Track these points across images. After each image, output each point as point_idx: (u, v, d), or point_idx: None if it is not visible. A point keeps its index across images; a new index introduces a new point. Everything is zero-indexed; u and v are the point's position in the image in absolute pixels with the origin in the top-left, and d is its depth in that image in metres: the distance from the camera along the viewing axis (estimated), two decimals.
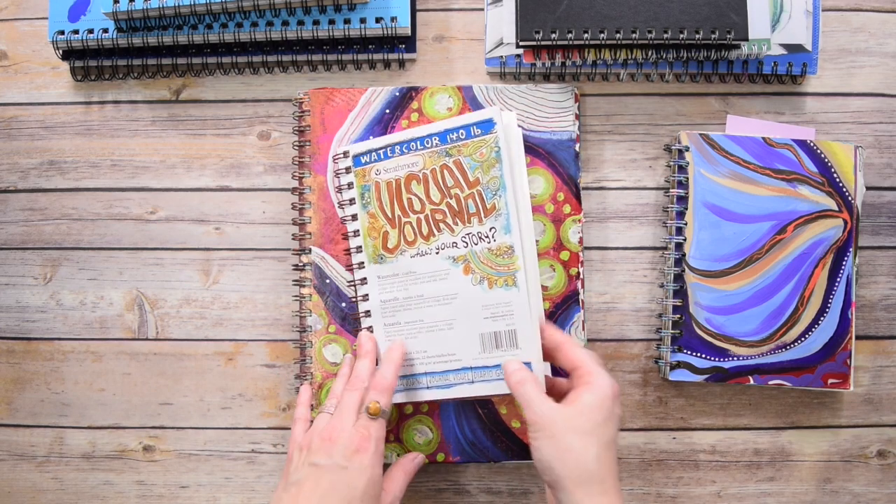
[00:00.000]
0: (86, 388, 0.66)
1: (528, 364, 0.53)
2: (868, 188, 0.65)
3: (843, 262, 0.62)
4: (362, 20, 0.64)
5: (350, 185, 0.61)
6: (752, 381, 0.62)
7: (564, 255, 0.63)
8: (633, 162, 0.66)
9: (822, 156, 0.63)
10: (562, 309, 0.62)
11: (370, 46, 0.66)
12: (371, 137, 0.64)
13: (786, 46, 0.65)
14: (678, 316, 0.62)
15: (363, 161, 0.61)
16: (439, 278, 0.57)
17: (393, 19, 0.64)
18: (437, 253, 0.58)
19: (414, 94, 0.64)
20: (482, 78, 0.67)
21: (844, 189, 0.63)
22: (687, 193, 0.63)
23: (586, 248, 0.65)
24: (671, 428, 0.65)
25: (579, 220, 0.63)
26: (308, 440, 0.52)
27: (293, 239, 0.64)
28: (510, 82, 0.66)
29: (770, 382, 0.62)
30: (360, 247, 0.61)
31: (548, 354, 0.54)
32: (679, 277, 0.62)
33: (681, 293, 0.62)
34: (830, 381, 0.62)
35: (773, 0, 0.64)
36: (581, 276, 0.63)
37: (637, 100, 0.67)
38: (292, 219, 0.64)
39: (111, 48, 0.66)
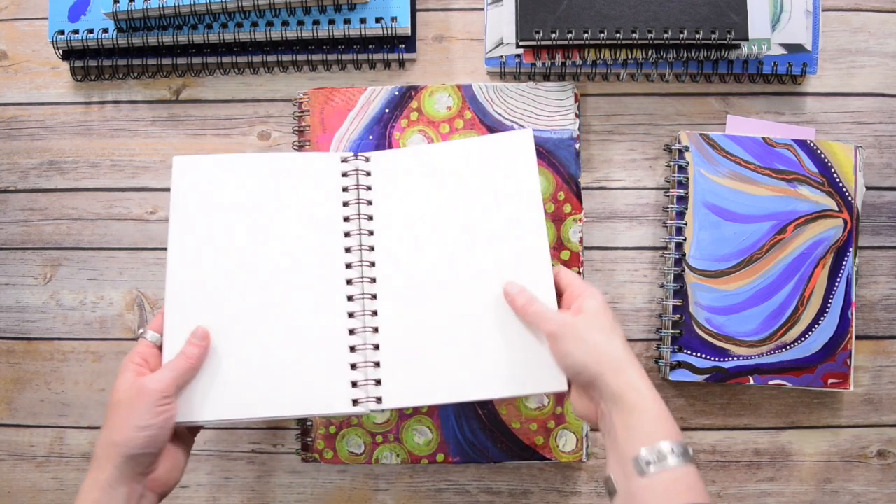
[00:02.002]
0: (86, 388, 0.66)
1: None
2: (868, 188, 0.65)
3: (843, 262, 0.62)
4: (362, 20, 0.64)
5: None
6: (752, 381, 0.62)
7: (565, 255, 0.63)
8: (633, 162, 0.66)
9: (822, 156, 0.63)
10: None
11: (370, 46, 0.66)
12: (370, 137, 0.64)
13: (786, 46, 0.65)
14: (678, 316, 0.62)
15: None
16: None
17: (393, 19, 0.64)
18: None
19: (413, 93, 0.64)
20: (482, 78, 0.67)
21: (844, 189, 0.63)
22: (687, 193, 0.63)
23: (586, 248, 0.65)
24: None
25: (580, 220, 0.63)
26: None
27: None
28: (510, 82, 0.66)
29: (770, 382, 0.62)
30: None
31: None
32: (679, 277, 0.62)
33: (681, 293, 0.62)
34: (830, 381, 0.62)
35: (773, 0, 0.64)
36: (581, 276, 0.63)
37: (637, 100, 0.67)
38: None
39: (111, 48, 0.66)
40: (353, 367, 0.53)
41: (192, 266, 0.54)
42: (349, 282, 0.54)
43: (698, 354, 0.62)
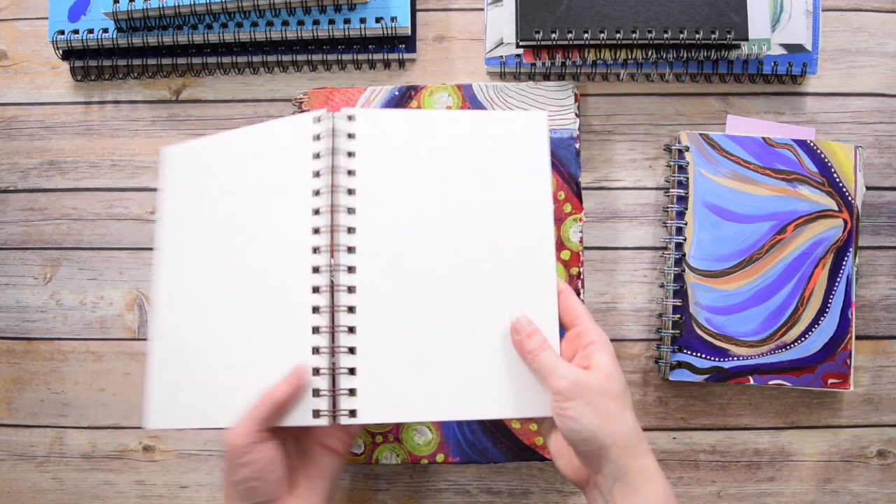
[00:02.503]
0: (86, 388, 0.66)
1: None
2: (868, 188, 0.65)
3: (843, 262, 0.62)
4: (362, 20, 0.64)
5: None
6: (752, 381, 0.62)
7: (565, 255, 0.63)
8: (633, 162, 0.66)
9: (822, 156, 0.63)
10: None
11: (370, 46, 0.66)
12: None
13: (786, 46, 0.65)
14: (678, 316, 0.62)
15: None
16: None
17: (393, 19, 0.64)
18: None
19: (413, 92, 0.64)
20: (482, 78, 0.67)
21: (844, 189, 0.63)
22: (687, 193, 0.63)
23: (586, 248, 0.65)
24: (671, 428, 0.65)
25: (580, 220, 0.63)
26: None
27: None
28: (510, 82, 0.66)
29: (770, 382, 0.62)
30: None
31: None
32: (679, 277, 0.62)
33: (681, 293, 0.62)
34: (830, 381, 0.62)
35: (773, 0, 0.64)
36: (581, 276, 0.63)
37: (637, 100, 0.67)
38: None
39: (111, 48, 0.66)
40: (317, 372, 0.45)
41: (173, 261, 0.50)
42: (316, 270, 0.46)
43: (698, 354, 0.62)
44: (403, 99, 0.64)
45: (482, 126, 0.49)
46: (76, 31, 0.64)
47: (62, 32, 0.64)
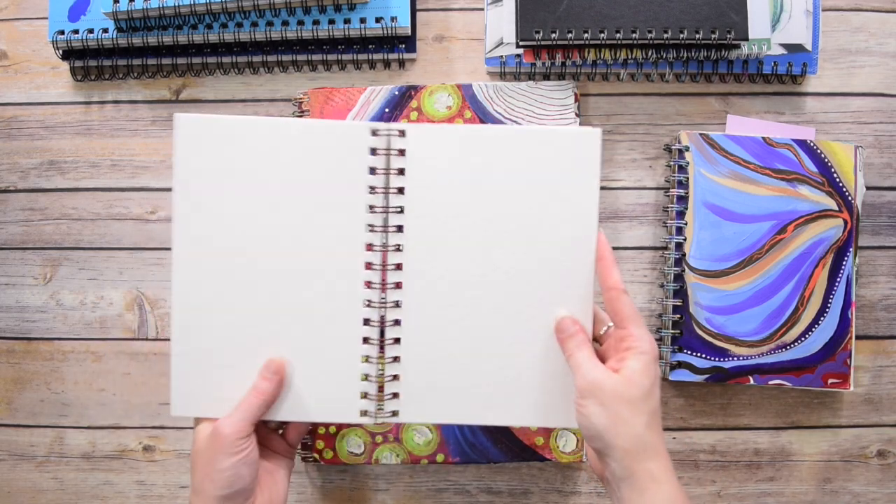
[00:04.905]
0: (86, 388, 0.66)
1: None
2: (868, 188, 0.65)
3: (843, 262, 0.62)
4: (362, 20, 0.64)
5: None
6: (752, 381, 0.62)
7: None
8: (633, 162, 0.66)
9: (822, 156, 0.63)
10: None
11: (370, 46, 0.66)
12: None
13: (786, 46, 0.65)
14: (678, 316, 0.62)
15: None
16: None
17: (393, 19, 0.64)
18: None
19: (413, 92, 0.64)
20: (482, 77, 0.67)
21: (844, 189, 0.63)
22: (687, 193, 0.63)
23: None
24: (671, 428, 0.65)
25: None
26: None
27: None
28: (510, 82, 0.66)
29: (770, 382, 0.62)
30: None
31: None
32: (679, 277, 0.62)
33: (681, 293, 0.62)
34: (830, 381, 0.62)
35: (772, 0, 0.64)
36: None
37: (637, 100, 0.67)
38: None
39: (111, 48, 0.66)
40: (366, 377, 0.50)
41: (199, 251, 0.49)
42: (369, 284, 0.50)
43: (698, 354, 0.62)
44: (403, 99, 0.64)
45: (534, 141, 0.50)
46: (76, 31, 0.64)
47: (62, 32, 0.64)
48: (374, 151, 0.49)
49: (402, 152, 0.49)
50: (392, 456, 0.62)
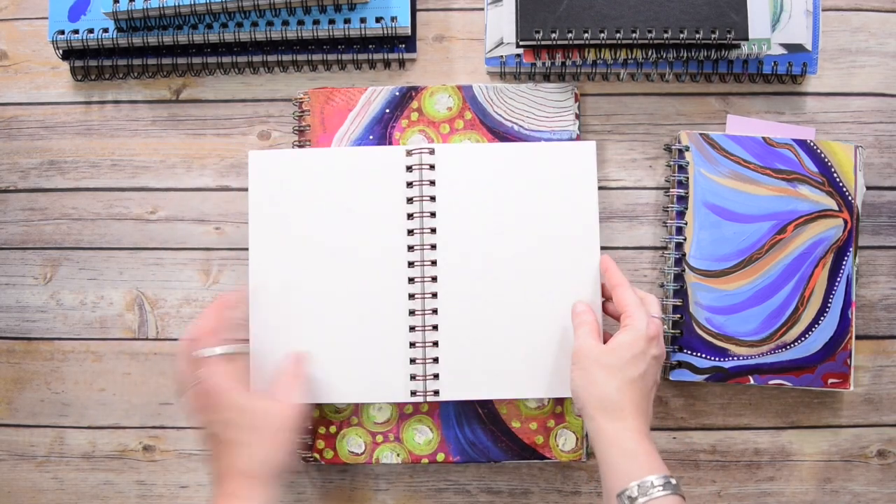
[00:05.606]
0: (86, 388, 0.66)
1: None
2: (868, 188, 0.65)
3: (843, 262, 0.62)
4: (362, 20, 0.64)
5: None
6: (752, 381, 0.62)
7: None
8: (633, 162, 0.66)
9: (822, 156, 0.63)
10: None
11: (370, 46, 0.66)
12: (371, 137, 0.64)
13: (786, 46, 0.65)
14: (678, 316, 0.62)
15: None
16: None
17: (393, 19, 0.64)
18: None
19: (414, 93, 0.64)
20: (482, 78, 0.67)
21: (844, 189, 0.63)
22: (687, 193, 0.63)
23: None
24: (671, 428, 0.65)
25: None
26: None
27: None
28: (510, 82, 0.66)
29: (770, 382, 0.62)
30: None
31: (604, 293, 0.59)
32: (679, 277, 0.62)
33: (681, 293, 0.62)
34: (830, 380, 0.62)
35: (772, 0, 0.64)
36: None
37: (637, 100, 0.67)
38: None
39: (111, 48, 0.66)
40: (413, 361, 0.59)
41: (271, 264, 0.60)
42: (411, 280, 0.60)
43: (698, 354, 0.62)
44: (404, 99, 0.64)
45: (537, 155, 0.61)
46: (76, 31, 0.64)
47: (62, 32, 0.64)
48: (409, 168, 0.60)
49: (432, 167, 0.60)
50: (392, 455, 0.62)
